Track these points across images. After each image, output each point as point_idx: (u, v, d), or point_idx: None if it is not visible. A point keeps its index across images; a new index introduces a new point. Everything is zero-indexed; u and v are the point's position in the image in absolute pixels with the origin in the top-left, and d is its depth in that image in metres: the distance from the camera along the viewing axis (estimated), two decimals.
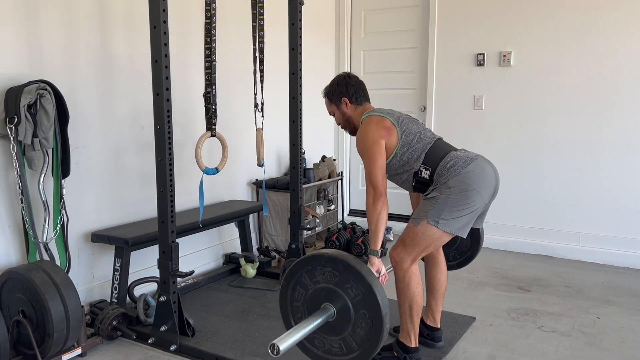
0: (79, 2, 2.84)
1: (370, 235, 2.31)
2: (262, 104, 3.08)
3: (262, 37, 2.97)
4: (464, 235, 2.32)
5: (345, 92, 2.56)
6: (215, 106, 2.78)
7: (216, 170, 2.87)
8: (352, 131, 2.63)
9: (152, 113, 2.50)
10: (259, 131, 3.08)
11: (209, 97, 2.77)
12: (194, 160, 2.77)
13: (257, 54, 3.00)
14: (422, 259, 2.53)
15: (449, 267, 2.76)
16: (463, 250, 2.79)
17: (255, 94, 3.03)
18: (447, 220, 2.25)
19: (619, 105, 3.95)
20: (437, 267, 2.62)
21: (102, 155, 3.03)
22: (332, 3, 5.06)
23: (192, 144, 3.53)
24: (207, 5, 2.66)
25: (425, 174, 2.35)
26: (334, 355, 1.88)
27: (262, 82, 3.05)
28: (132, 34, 3.12)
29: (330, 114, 2.69)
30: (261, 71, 3.03)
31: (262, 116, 3.10)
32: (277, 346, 1.65)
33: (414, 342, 2.42)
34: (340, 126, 2.68)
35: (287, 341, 1.70)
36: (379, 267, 2.27)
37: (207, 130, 2.82)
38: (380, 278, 2.25)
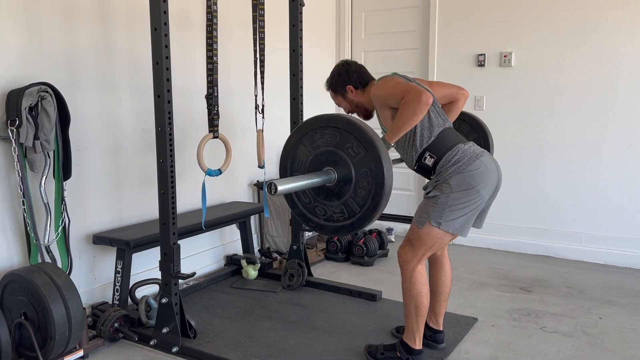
0: (80, 4, 2.84)
1: (392, 127, 2.21)
2: (263, 106, 3.08)
3: (262, 39, 2.97)
4: (465, 235, 2.32)
5: (348, 79, 2.53)
6: (217, 108, 2.78)
7: (219, 172, 2.87)
8: (366, 115, 2.59)
9: (153, 115, 2.51)
10: (260, 133, 3.08)
11: (211, 99, 2.77)
12: (196, 161, 2.77)
13: (258, 56, 3.00)
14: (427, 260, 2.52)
15: None
16: None
17: (255, 96, 3.03)
18: (448, 221, 2.25)
19: (619, 105, 3.94)
20: (442, 269, 2.61)
21: (103, 157, 3.03)
22: (333, 4, 5.06)
23: (193, 145, 3.53)
24: (209, 7, 2.66)
25: (429, 161, 2.33)
26: (336, 221, 1.85)
27: (262, 83, 3.04)
28: (134, 36, 3.12)
29: (337, 105, 2.65)
30: (262, 72, 3.03)
31: (263, 118, 3.10)
32: (275, 185, 1.65)
33: (418, 344, 2.42)
34: (350, 114, 2.60)
35: (286, 184, 1.70)
36: None
37: (210, 131, 2.81)
38: None
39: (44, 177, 2.61)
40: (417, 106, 2.15)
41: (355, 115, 2.63)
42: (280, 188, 1.68)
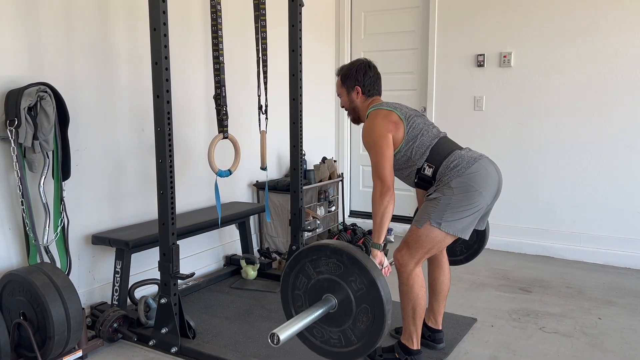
0: (79, 4, 2.84)
1: (374, 229, 2.29)
2: (266, 106, 3.06)
3: (264, 39, 2.96)
4: (467, 237, 2.31)
5: (361, 80, 2.49)
6: (225, 108, 2.76)
7: (229, 172, 2.86)
8: (355, 120, 2.60)
9: (153, 115, 2.51)
10: (263, 134, 3.06)
11: (220, 99, 2.74)
12: (195, 162, 2.76)
13: (260, 55, 2.99)
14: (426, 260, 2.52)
15: (457, 262, 2.75)
16: (469, 244, 2.77)
17: (259, 96, 3.02)
18: (449, 222, 2.24)
19: (619, 105, 3.94)
20: (440, 269, 2.61)
21: (102, 157, 3.03)
22: (332, 4, 5.06)
23: (192, 146, 3.54)
24: (213, 7, 2.64)
25: (429, 171, 2.34)
26: (332, 346, 1.86)
27: (265, 83, 3.03)
28: (133, 35, 3.12)
29: (337, 94, 2.63)
30: (264, 73, 3.02)
31: (267, 118, 3.08)
32: (277, 335, 1.65)
33: (416, 345, 2.42)
34: (343, 108, 2.62)
35: (287, 331, 1.69)
36: (381, 259, 2.27)
37: (220, 132, 2.80)
38: (383, 270, 2.25)
39: (43, 177, 2.61)
40: (380, 205, 2.24)
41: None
42: (282, 337, 1.65)
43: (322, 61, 4.95)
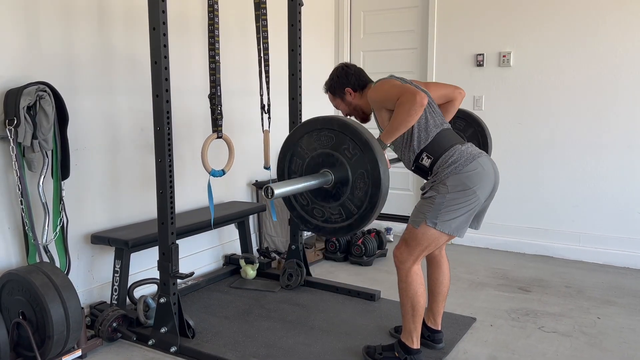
0: (79, 3, 2.84)
1: (387, 127, 2.21)
2: (269, 105, 3.06)
3: (265, 38, 2.96)
4: (462, 236, 2.32)
5: (346, 82, 2.52)
6: (220, 107, 2.77)
7: (223, 172, 2.86)
8: (364, 118, 2.59)
9: (152, 114, 2.50)
10: (266, 133, 3.06)
11: (214, 99, 2.75)
12: (194, 161, 2.76)
13: (262, 55, 2.99)
14: (425, 260, 2.52)
15: None
16: None
17: (261, 95, 3.02)
18: (445, 222, 2.25)
19: (619, 105, 3.94)
20: (439, 269, 2.61)
21: (101, 156, 3.03)
22: (332, 4, 5.06)
23: (191, 145, 3.53)
24: (210, 6, 2.64)
25: (427, 162, 2.33)
26: (334, 222, 1.86)
27: (267, 83, 3.03)
28: (132, 35, 3.12)
29: (335, 107, 2.65)
30: (266, 72, 3.02)
31: (269, 118, 3.08)
32: (272, 188, 1.66)
33: (415, 344, 2.42)
34: (348, 116, 2.60)
35: (282, 187, 1.71)
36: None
37: (213, 131, 2.80)
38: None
39: (42, 176, 2.60)
40: (412, 107, 2.15)
41: (353, 118, 2.64)
42: (277, 192, 1.69)
43: (322, 61, 4.94)
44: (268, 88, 3.03)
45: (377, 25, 4.95)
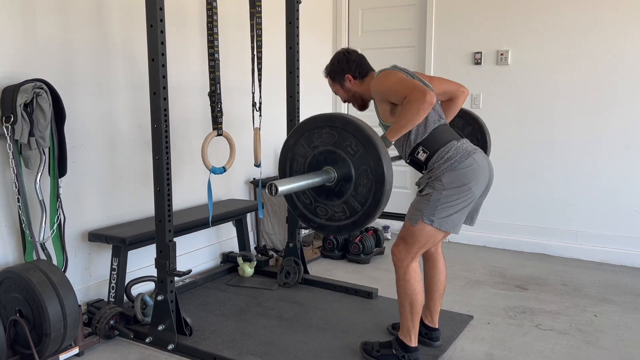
0: (75, 0, 2.83)
1: (394, 125, 2.19)
2: (260, 103, 3.06)
3: (259, 36, 2.96)
4: (457, 233, 2.34)
5: (347, 68, 2.50)
6: (220, 105, 2.77)
7: (223, 170, 2.86)
8: (362, 105, 2.58)
9: (149, 112, 2.50)
10: (257, 131, 3.07)
11: (214, 96, 2.75)
12: (191, 159, 2.76)
13: (255, 52, 2.99)
14: (421, 258, 2.53)
15: None
16: None
17: (253, 93, 3.02)
18: (441, 219, 2.26)
19: (617, 105, 3.95)
20: (436, 267, 2.62)
21: (99, 154, 3.02)
22: (330, 2, 5.05)
23: (189, 142, 3.53)
24: (209, 3, 2.64)
25: (422, 156, 2.33)
26: (337, 220, 1.85)
27: (260, 80, 3.03)
28: (130, 31, 3.11)
29: (334, 93, 2.64)
30: (259, 70, 3.02)
31: (260, 115, 3.08)
32: (276, 186, 1.66)
33: (413, 341, 2.42)
34: (346, 103, 2.60)
35: (285, 185, 1.70)
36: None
37: (214, 129, 2.80)
38: None
39: (39, 174, 2.60)
40: (421, 106, 2.13)
41: (351, 106, 2.65)
42: (280, 189, 1.68)
43: (320, 58, 4.93)
44: (260, 86, 3.04)
45: (375, 23, 4.95)
